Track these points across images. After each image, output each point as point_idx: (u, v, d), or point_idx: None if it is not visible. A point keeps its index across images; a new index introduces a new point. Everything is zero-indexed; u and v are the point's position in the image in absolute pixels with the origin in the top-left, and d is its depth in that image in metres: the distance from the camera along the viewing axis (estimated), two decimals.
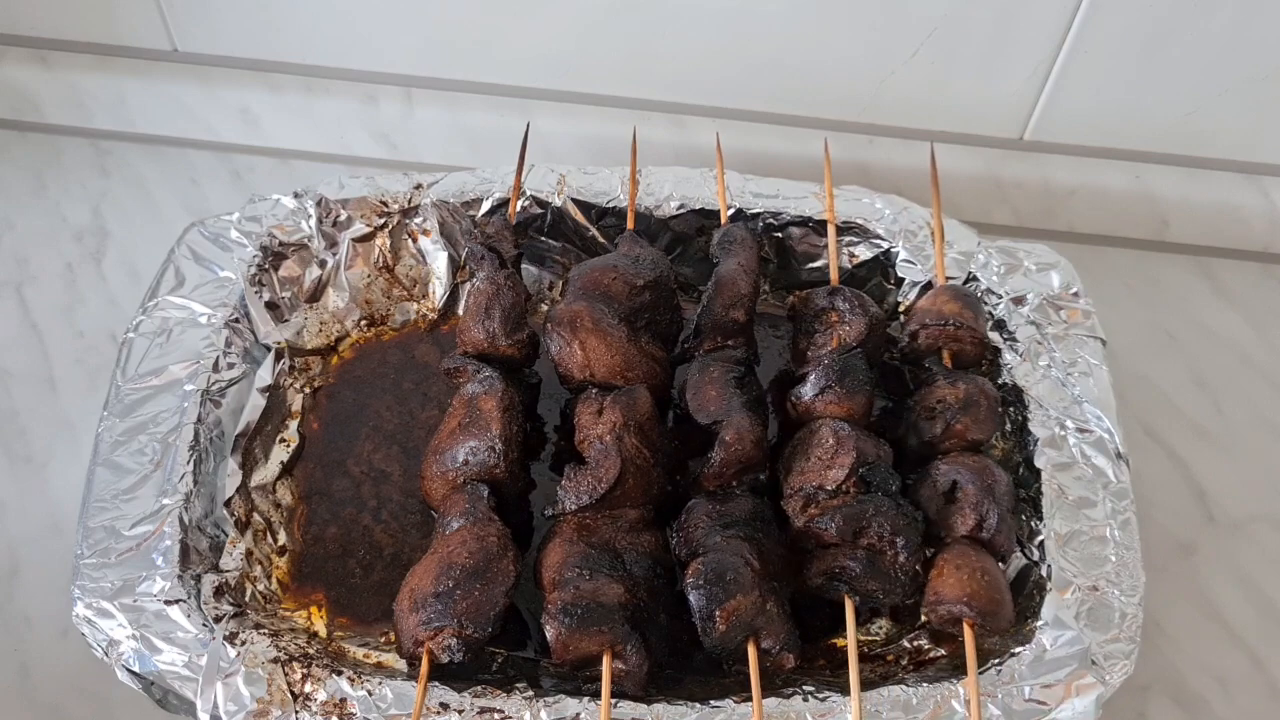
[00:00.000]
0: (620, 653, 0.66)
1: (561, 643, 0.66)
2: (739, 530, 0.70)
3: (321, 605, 0.75)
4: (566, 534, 0.71)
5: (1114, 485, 0.75)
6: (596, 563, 0.69)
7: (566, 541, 0.70)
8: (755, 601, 0.67)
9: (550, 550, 0.71)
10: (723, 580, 0.67)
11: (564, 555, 0.69)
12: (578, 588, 0.67)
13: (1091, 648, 0.67)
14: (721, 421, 0.73)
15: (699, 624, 0.67)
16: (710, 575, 0.68)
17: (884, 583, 0.71)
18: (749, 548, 0.70)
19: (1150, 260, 1.01)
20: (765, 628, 0.68)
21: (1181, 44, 0.89)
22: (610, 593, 0.67)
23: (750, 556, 0.69)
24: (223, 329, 0.80)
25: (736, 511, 0.72)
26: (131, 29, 1.00)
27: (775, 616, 0.68)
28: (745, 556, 0.69)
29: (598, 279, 0.79)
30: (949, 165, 0.92)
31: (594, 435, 0.72)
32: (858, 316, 0.79)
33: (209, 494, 0.75)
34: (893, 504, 0.71)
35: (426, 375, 0.86)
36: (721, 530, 0.70)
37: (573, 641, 0.66)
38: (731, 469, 0.72)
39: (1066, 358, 0.81)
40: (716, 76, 0.97)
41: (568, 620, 0.66)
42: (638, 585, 0.69)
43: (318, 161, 1.03)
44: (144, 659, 0.65)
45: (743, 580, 0.68)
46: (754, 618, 0.67)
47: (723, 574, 0.68)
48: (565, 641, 0.66)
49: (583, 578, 0.68)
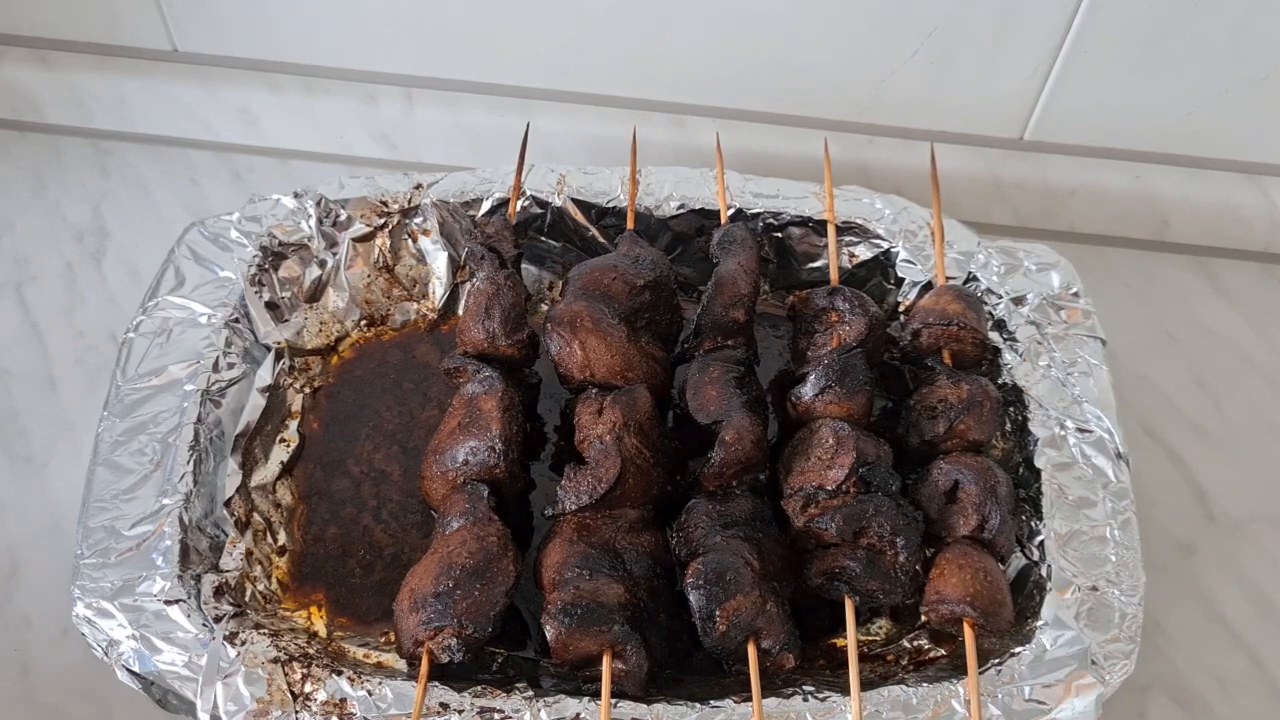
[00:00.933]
0: (620, 653, 0.66)
1: (561, 643, 0.66)
2: (739, 530, 0.70)
3: (321, 605, 0.75)
4: (566, 534, 0.71)
5: (1114, 485, 0.75)
6: (597, 563, 0.69)
7: (566, 541, 0.70)
8: (755, 601, 0.67)
9: (550, 550, 0.71)
10: (723, 580, 0.68)
11: (564, 555, 0.69)
12: (578, 588, 0.67)
13: (1091, 648, 0.67)
14: (721, 421, 0.73)
15: (699, 624, 0.67)
16: (710, 575, 0.68)
17: (884, 582, 0.71)
18: (749, 548, 0.70)
19: (1150, 260, 1.01)
20: (765, 628, 0.68)
21: (1181, 44, 0.89)
22: (610, 593, 0.67)
23: (750, 556, 0.69)
24: (223, 329, 0.80)
25: (736, 512, 0.72)
26: (131, 29, 1.00)
27: (775, 617, 0.68)
28: (745, 556, 0.69)
29: (598, 279, 0.79)
30: (949, 165, 0.92)
31: (594, 435, 0.72)
32: (858, 316, 0.79)
33: (209, 494, 0.75)
34: (893, 504, 0.71)
35: (426, 375, 0.86)
36: (721, 530, 0.71)
37: (573, 641, 0.66)
38: (731, 469, 0.72)
39: (1066, 358, 0.81)
40: (716, 76, 0.97)
41: (568, 620, 0.66)
42: (638, 585, 0.69)
43: (318, 161, 1.03)
44: (144, 659, 0.65)
45: (742, 580, 0.68)
46: (754, 618, 0.67)
47: (723, 574, 0.68)
48: (565, 641, 0.66)
49: (583, 578, 0.68)
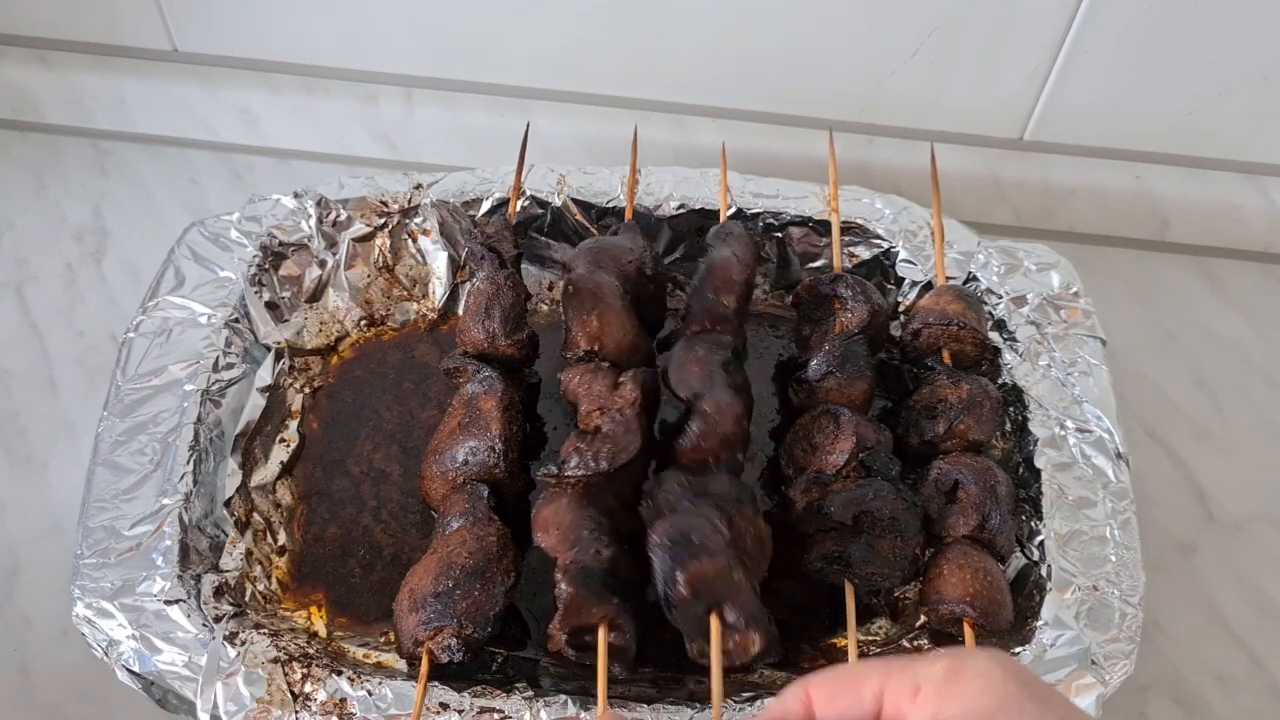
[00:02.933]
0: (617, 625, 0.65)
1: (575, 606, 0.64)
2: (712, 501, 0.67)
3: (321, 605, 0.75)
4: (575, 497, 0.68)
5: (1114, 485, 0.75)
6: (610, 532, 0.67)
7: (577, 504, 0.68)
8: (722, 568, 0.63)
9: (557, 509, 0.68)
10: (688, 541, 0.63)
11: (577, 516, 0.67)
12: (598, 551, 0.65)
13: (1091, 648, 0.67)
14: (702, 395, 0.71)
15: (660, 588, 0.63)
16: (676, 535, 0.64)
17: (883, 566, 0.71)
18: (720, 516, 0.66)
19: (1150, 260, 1.01)
20: (731, 598, 0.63)
21: (1181, 44, 0.89)
22: (621, 564, 0.66)
23: (720, 525, 0.65)
24: (223, 329, 0.80)
25: (712, 487, 0.68)
26: (131, 29, 0.99)
27: (743, 587, 0.63)
28: (715, 523, 0.65)
29: (616, 256, 0.78)
30: (949, 165, 0.92)
31: (612, 406, 0.71)
32: (860, 303, 0.79)
33: (209, 494, 0.75)
34: (892, 489, 0.71)
35: (426, 375, 0.86)
36: (693, 499, 0.67)
37: (584, 605, 0.64)
38: (709, 441, 0.70)
39: (1066, 358, 0.81)
40: (716, 76, 0.97)
41: (588, 581, 0.63)
42: (635, 563, 0.67)
43: (318, 161, 1.03)
44: (144, 659, 0.65)
45: (710, 545, 0.63)
46: (719, 584, 0.63)
47: (688, 534, 0.64)
48: (578, 605, 0.64)
49: (601, 542, 0.66)
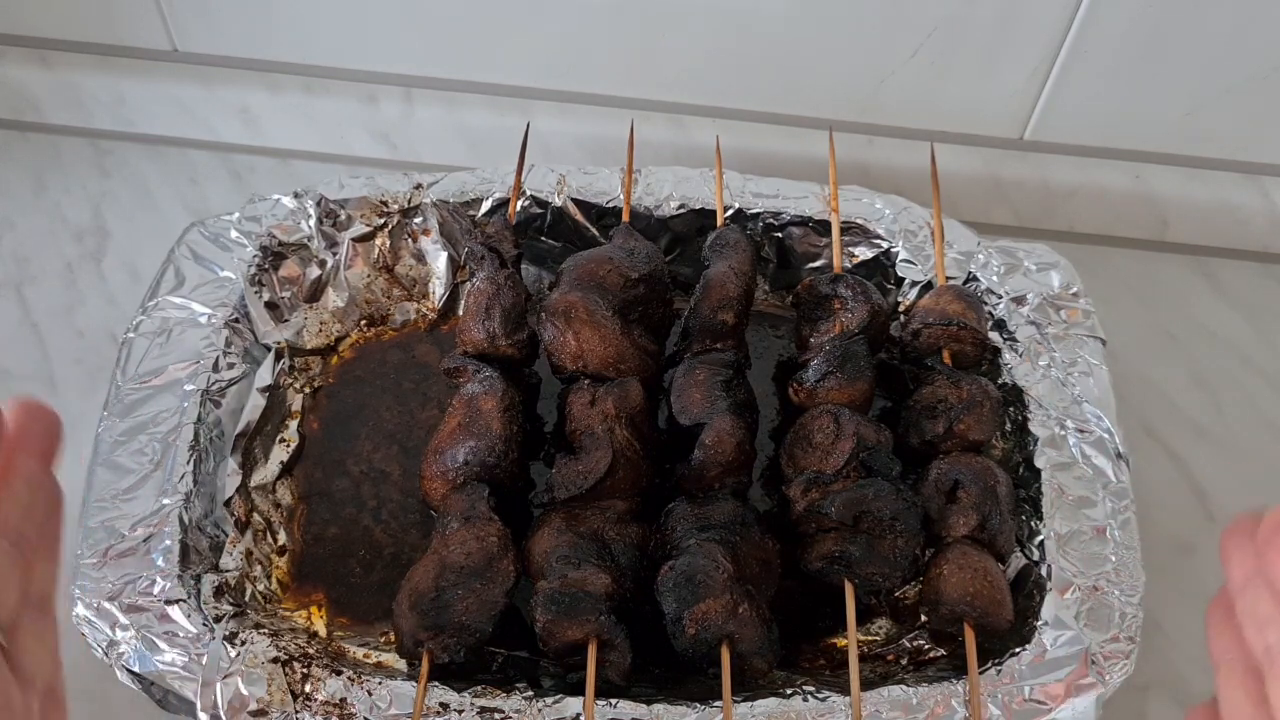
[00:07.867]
0: (606, 641, 0.66)
1: (548, 630, 0.66)
2: (715, 534, 0.70)
3: (321, 605, 0.75)
4: (555, 523, 0.71)
5: (1114, 485, 0.75)
6: (585, 552, 0.69)
7: (555, 530, 0.70)
8: (726, 605, 0.66)
9: (538, 539, 0.71)
10: (692, 583, 0.67)
11: (552, 543, 0.69)
12: (565, 576, 0.67)
13: (1091, 648, 0.67)
14: (704, 424, 0.73)
15: (669, 627, 0.67)
16: (679, 578, 0.67)
17: (883, 566, 0.71)
18: (723, 551, 0.69)
19: (1150, 260, 1.01)
20: (738, 632, 0.67)
21: (1181, 44, 0.89)
22: (597, 582, 0.67)
23: (724, 560, 0.68)
24: (223, 329, 0.80)
25: (716, 515, 0.71)
26: (131, 29, 0.99)
27: (748, 620, 0.67)
28: (718, 560, 0.68)
29: (593, 270, 0.79)
30: (949, 165, 0.92)
31: (586, 425, 0.72)
32: (860, 303, 0.79)
33: (209, 494, 0.75)
34: (892, 489, 0.71)
35: (426, 375, 0.86)
36: (698, 533, 0.70)
37: (559, 629, 0.66)
38: (712, 470, 0.72)
39: (1066, 358, 0.81)
40: (716, 76, 0.97)
41: (554, 608, 0.66)
42: (624, 575, 0.69)
43: (318, 161, 1.03)
44: (144, 659, 0.65)
45: (713, 584, 0.67)
46: (725, 621, 0.66)
47: (692, 577, 0.67)
48: (552, 629, 0.66)
49: (570, 566, 0.68)
